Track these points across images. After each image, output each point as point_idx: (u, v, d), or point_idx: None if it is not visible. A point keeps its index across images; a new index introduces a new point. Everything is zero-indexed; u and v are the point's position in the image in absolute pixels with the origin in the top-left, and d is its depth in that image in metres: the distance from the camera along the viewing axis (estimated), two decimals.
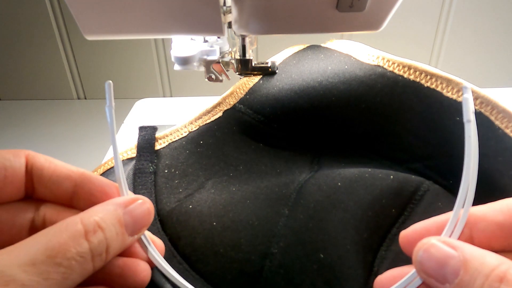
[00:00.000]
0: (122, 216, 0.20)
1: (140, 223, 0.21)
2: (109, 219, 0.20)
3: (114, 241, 0.20)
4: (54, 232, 0.18)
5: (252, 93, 0.31)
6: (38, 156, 0.22)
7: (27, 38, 0.74)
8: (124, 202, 0.21)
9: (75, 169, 0.23)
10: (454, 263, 0.17)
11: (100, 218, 0.19)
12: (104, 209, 0.20)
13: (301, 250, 0.24)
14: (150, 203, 0.22)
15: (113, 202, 0.21)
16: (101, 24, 0.29)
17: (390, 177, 0.26)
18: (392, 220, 0.26)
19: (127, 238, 0.21)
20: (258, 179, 0.29)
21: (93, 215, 0.19)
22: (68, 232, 0.18)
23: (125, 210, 0.21)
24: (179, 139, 0.31)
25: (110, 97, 0.23)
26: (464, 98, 0.20)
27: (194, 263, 0.25)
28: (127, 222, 0.21)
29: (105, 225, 0.19)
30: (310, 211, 0.25)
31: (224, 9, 0.30)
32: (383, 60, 0.29)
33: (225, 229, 0.26)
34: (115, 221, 0.20)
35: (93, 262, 0.19)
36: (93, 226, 0.19)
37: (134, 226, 0.21)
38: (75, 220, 0.19)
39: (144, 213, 0.22)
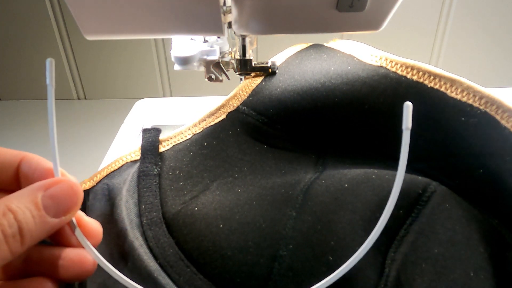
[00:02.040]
0: (41, 198, 0.20)
1: (63, 205, 0.21)
2: (23, 202, 0.20)
3: (30, 223, 0.20)
4: None
5: (255, 94, 0.31)
6: None
7: (27, 38, 0.74)
8: (44, 185, 0.21)
9: (17, 152, 0.23)
10: None
11: (11, 202, 0.19)
12: (20, 193, 0.20)
13: (310, 253, 0.24)
14: (75, 184, 0.22)
15: (32, 186, 0.21)
16: (101, 24, 0.29)
17: None
18: (399, 222, 0.25)
19: (49, 220, 0.20)
20: (263, 180, 0.28)
21: (6, 200, 0.20)
22: None
23: (45, 193, 0.21)
24: (183, 141, 0.31)
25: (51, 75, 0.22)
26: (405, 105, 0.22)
27: (201, 266, 0.25)
28: (46, 204, 0.20)
29: (16, 208, 0.19)
30: (318, 213, 0.25)
31: (224, 9, 0.30)
32: (386, 61, 0.29)
33: (232, 232, 0.25)
34: (30, 204, 0.20)
35: (8, 244, 0.19)
36: (2, 209, 0.19)
37: (57, 209, 0.21)
38: None
39: (68, 195, 0.21)
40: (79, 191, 0.22)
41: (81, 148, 0.64)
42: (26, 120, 0.73)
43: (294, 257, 0.24)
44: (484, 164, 0.26)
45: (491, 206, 0.26)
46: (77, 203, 0.22)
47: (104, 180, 0.31)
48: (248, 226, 0.25)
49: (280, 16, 0.28)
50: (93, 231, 0.23)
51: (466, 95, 0.27)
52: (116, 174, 0.31)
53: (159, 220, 0.27)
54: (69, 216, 0.22)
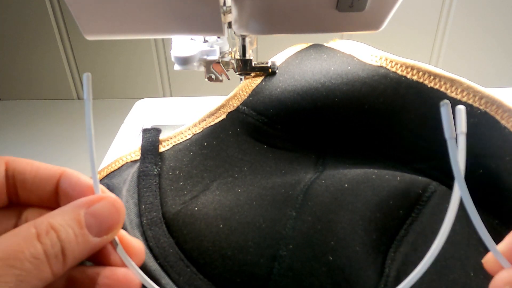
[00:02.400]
0: (83, 216, 0.20)
1: (106, 223, 0.20)
2: (66, 220, 0.19)
3: (72, 242, 0.19)
4: (6, 236, 0.18)
5: (255, 94, 0.31)
6: (19, 160, 0.22)
7: (27, 38, 0.74)
8: (87, 202, 0.20)
9: (57, 168, 0.22)
10: None
11: (54, 220, 0.19)
12: (62, 210, 0.20)
13: (310, 253, 0.24)
14: (118, 202, 0.21)
15: (75, 203, 0.20)
16: (101, 24, 0.29)
17: (397, 178, 0.26)
18: (399, 222, 0.25)
19: (91, 239, 0.20)
20: (263, 180, 0.28)
21: (49, 218, 0.19)
22: (20, 235, 0.18)
23: (88, 210, 0.20)
24: (183, 141, 0.31)
25: (88, 90, 0.22)
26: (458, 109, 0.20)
27: (201, 266, 0.25)
28: (89, 223, 0.20)
29: (59, 226, 0.19)
30: (318, 213, 0.25)
31: (224, 9, 0.30)
32: (386, 61, 0.29)
33: (232, 232, 0.25)
34: (72, 222, 0.19)
35: (50, 264, 0.18)
36: (45, 228, 0.18)
37: (100, 227, 0.20)
38: (28, 224, 0.18)
39: (111, 213, 0.21)
40: (122, 209, 0.21)
41: (81, 148, 0.64)
42: (26, 120, 0.73)
43: (294, 257, 0.24)
44: (484, 164, 0.26)
45: (491, 207, 0.26)
46: (119, 222, 0.21)
47: (104, 180, 0.31)
48: (248, 226, 0.25)
49: (280, 16, 0.28)
50: (136, 250, 0.22)
51: (466, 95, 0.27)
52: (116, 174, 0.31)
53: (159, 220, 0.27)
54: (111, 235, 0.21)
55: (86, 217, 0.20)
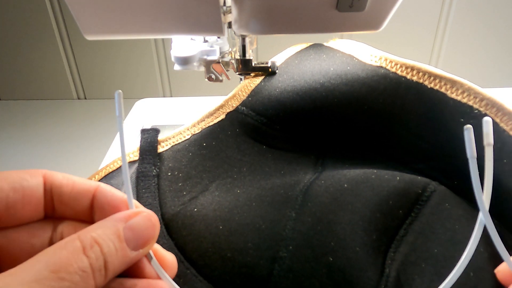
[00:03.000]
0: (122, 231, 0.20)
1: (143, 237, 0.21)
2: (107, 234, 0.20)
3: (113, 256, 0.20)
4: (54, 249, 0.18)
5: (255, 95, 0.31)
6: (56, 174, 0.22)
7: (27, 38, 0.74)
8: (125, 216, 0.21)
9: (93, 183, 0.23)
10: None
11: (97, 234, 0.19)
12: (103, 224, 0.20)
13: (310, 254, 0.24)
14: (154, 216, 0.22)
15: (113, 217, 0.21)
16: (101, 24, 0.29)
17: (397, 178, 0.26)
18: (399, 221, 0.25)
19: (129, 253, 0.20)
20: (263, 181, 0.28)
21: (91, 231, 0.20)
22: (67, 248, 0.18)
23: (126, 225, 0.21)
24: (182, 141, 0.30)
25: (120, 107, 0.22)
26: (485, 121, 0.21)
27: (201, 268, 0.25)
28: (128, 236, 0.20)
29: (102, 240, 0.19)
30: (318, 214, 0.25)
31: (224, 9, 0.30)
32: (385, 61, 0.29)
33: (232, 233, 0.25)
34: (113, 236, 0.20)
35: (94, 277, 0.19)
36: (90, 241, 0.19)
37: (137, 241, 0.21)
38: (73, 237, 0.19)
39: (147, 227, 0.21)
40: (157, 223, 0.22)
41: (81, 148, 0.64)
42: (26, 120, 0.73)
43: (294, 258, 0.24)
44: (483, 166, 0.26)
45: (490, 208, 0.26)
46: (154, 235, 0.22)
47: (102, 181, 0.30)
48: (247, 227, 0.25)
49: (280, 16, 0.28)
50: (169, 263, 0.23)
51: (466, 96, 0.27)
52: (115, 174, 0.31)
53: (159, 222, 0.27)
54: (147, 248, 0.22)
55: (125, 231, 0.20)
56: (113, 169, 0.31)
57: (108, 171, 0.31)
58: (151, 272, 0.22)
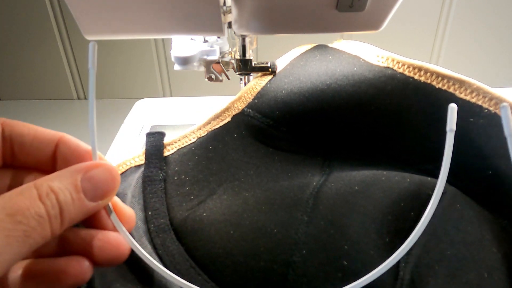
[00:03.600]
0: (80, 181, 0.20)
1: (101, 189, 0.21)
2: (64, 183, 0.20)
3: (69, 205, 0.20)
4: (9, 195, 0.19)
5: (260, 97, 0.31)
6: (16, 123, 0.22)
7: (27, 38, 0.74)
8: (84, 168, 0.21)
9: (55, 132, 0.23)
10: None
11: (53, 183, 0.19)
12: (60, 174, 0.20)
13: (324, 258, 0.24)
14: (113, 169, 0.22)
15: (72, 168, 0.21)
16: (101, 24, 0.29)
17: (407, 180, 0.26)
18: (411, 224, 0.25)
19: (87, 203, 0.20)
20: (270, 183, 0.28)
21: (48, 180, 0.20)
22: (24, 194, 0.19)
23: (84, 176, 0.20)
24: (187, 145, 0.30)
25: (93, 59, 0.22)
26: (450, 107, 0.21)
27: (213, 273, 0.25)
28: (85, 187, 0.20)
29: (58, 189, 0.19)
30: (330, 217, 0.25)
31: (224, 9, 0.30)
32: (392, 62, 0.29)
33: (244, 238, 0.25)
34: (70, 186, 0.20)
35: (51, 224, 0.19)
36: (46, 190, 0.19)
37: (95, 192, 0.21)
38: (29, 185, 0.19)
39: (107, 179, 0.21)
40: (117, 176, 0.22)
41: None
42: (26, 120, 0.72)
43: (308, 263, 0.24)
44: (493, 166, 0.26)
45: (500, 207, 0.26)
46: (114, 188, 0.22)
47: None
48: (259, 231, 0.25)
49: (280, 16, 0.28)
50: (127, 217, 0.23)
51: (475, 96, 0.26)
52: (120, 179, 0.30)
53: (167, 227, 0.27)
54: (106, 201, 0.22)
55: (82, 182, 0.20)
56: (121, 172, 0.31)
57: None
58: (110, 225, 0.23)
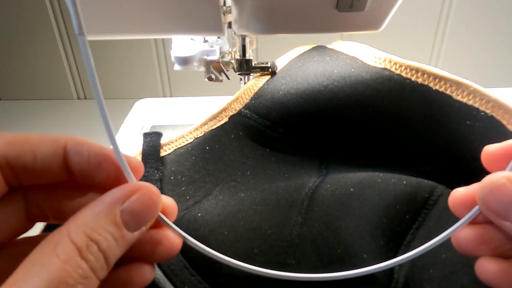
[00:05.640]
0: (119, 216, 0.17)
1: (144, 217, 0.18)
2: (102, 225, 0.17)
3: (113, 248, 0.17)
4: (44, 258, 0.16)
5: (258, 98, 0.31)
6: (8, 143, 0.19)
7: (27, 38, 0.74)
8: (120, 197, 0.18)
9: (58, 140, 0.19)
10: None
11: (90, 228, 0.17)
12: (95, 211, 0.17)
13: (318, 262, 0.24)
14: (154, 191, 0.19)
15: (106, 200, 0.18)
16: (101, 24, 0.29)
17: (403, 182, 0.26)
18: (406, 226, 0.25)
19: (130, 237, 0.18)
20: (267, 184, 0.28)
21: (82, 225, 0.17)
22: (61, 256, 0.16)
23: (123, 208, 0.18)
24: (184, 145, 0.30)
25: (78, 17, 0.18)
26: None
27: (207, 275, 0.25)
28: (126, 221, 0.18)
29: (97, 236, 0.17)
30: (324, 219, 0.25)
31: (224, 9, 0.30)
32: (390, 63, 0.29)
33: (238, 239, 0.25)
34: (109, 225, 0.17)
35: (96, 276, 0.17)
36: (85, 242, 0.16)
37: (137, 223, 0.18)
38: (63, 239, 0.16)
39: (148, 205, 0.18)
40: (159, 197, 0.19)
41: None
42: (26, 120, 0.73)
43: (301, 265, 0.24)
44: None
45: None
46: (157, 211, 0.19)
47: None
48: (253, 232, 0.25)
49: (280, 16, 0.28)
50: (171, 209, 0.21)
51: (472, 98, 0.26)
52: None
53: None
54: (149, 225, 0.19)
55: (122, 215, 0.17)
56: None
57: None
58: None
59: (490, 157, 0.20)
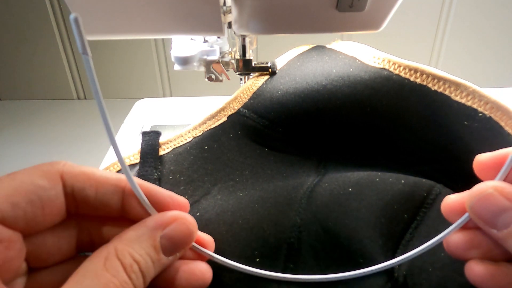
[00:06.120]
0: (159, 241, 0.20)
1: (179, 244, 0.21)
2: (144, 247, 0.19)
3: (150, 269, 0.19)
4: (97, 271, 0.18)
5: (256, 97, 0.31)
6: (76, 175, 0.21)
7: (27, 38, 0.74)
8: (162, 224, 0.20)
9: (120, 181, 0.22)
10: (507, 216, 0.18)
11: (134, 250, 0.19)
12: (139, 235, 0.20)
13: (316, 266, 0.24)
14: (191, 222, 0.21)
15: (150, 225, 0.20)
16: (101, 24, 0.29)
17: (401, 182, 0.26)
18: (405, 226, 0.25)
19: (165, 261, 0.20)
20: (265, 184, 0.28)
21: (128, 247, 0.19)
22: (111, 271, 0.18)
23: (163, 234, 0.20)
24: (183, 144, 0.30)
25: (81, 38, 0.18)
26: None
27: None
28: (164, 245, 0.20)
29: (140, 257, 0.19)
30: (323, 223, 0.25)
31: (224, 9, 0.30)
32: (388, 63, 0.29)
33: (236, 238, 0.25)
34: (150, 249, 0.19)
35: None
36: (129, 261, 0.19)
37: (173, 249, 0.20)
38: (111, 256, 0.19)
39: (184, 234, 0.21)
40: (194, 228, 0.21)
41: (81, 148, 0.64)
42: (26, 120, 0.73)
43: (299, 266, 0.24)
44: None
45: None
46: (191, 241, 0.21)
47: None
48: (251, 231, 0.25)
49: (280, 16, 0.28)
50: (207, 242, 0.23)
51: (471, 99, 0.26)
52: None
53: None
54: (182, 252, 0.21)
55: (161, 240, 0.20)
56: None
57: None
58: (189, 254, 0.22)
59: (481, 166, 0.21)
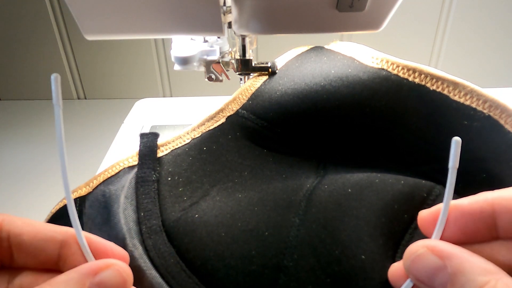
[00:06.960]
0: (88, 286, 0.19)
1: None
2: None
3: None
4: None
5: (255, 98, 0.31)
6: (14, 220, 0.20)
7: (27, 38, 0.74)
8: (93, 270, 0.19)
9: (59, 229, 0.21)
10: (442, 275, 0.18)
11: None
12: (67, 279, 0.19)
13: (316, 263, 0.24)
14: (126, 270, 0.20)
15: (80, 270, 0.19)
16: (101, 24, 0.29)
17: (401, 182, 0.26)
18: (405, 226, 0.25)
19: None
20: (264, 185, 0.28)
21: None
22: None
23: (94, 280, 0.19)
24: (182, 145, 0.30)
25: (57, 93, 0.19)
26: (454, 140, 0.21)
27: (204, 277, 0.25)
28: None
29: None
30: (322, 221, 0.25)
31: (224, 9, 0.30)
32: (387, 63, 0.29)
33: (235, 240, 0.25)
34: None
35: None
36: None
37: None
38: None
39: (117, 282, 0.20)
40: (129, 277, 0.20)
41: (81, 148, 0.64)
42: (26, 120, 0.73)
43: (299, 268, 0.24)
44: (487, 169, 0.26)
45: None
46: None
47: (101, 186, 0.30)
48: (250, 233, 0.25)
49: (280, 16, 0.28)
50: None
51: (469, 98, 0.26)
52: (114, 180, 0.30)
53: (159, 228, 0.26)
54: None
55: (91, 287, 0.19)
56: (112, 174, 0.30)
57: (107, 176, 0.30)
58: None
59: (422, 223, 0.21)
